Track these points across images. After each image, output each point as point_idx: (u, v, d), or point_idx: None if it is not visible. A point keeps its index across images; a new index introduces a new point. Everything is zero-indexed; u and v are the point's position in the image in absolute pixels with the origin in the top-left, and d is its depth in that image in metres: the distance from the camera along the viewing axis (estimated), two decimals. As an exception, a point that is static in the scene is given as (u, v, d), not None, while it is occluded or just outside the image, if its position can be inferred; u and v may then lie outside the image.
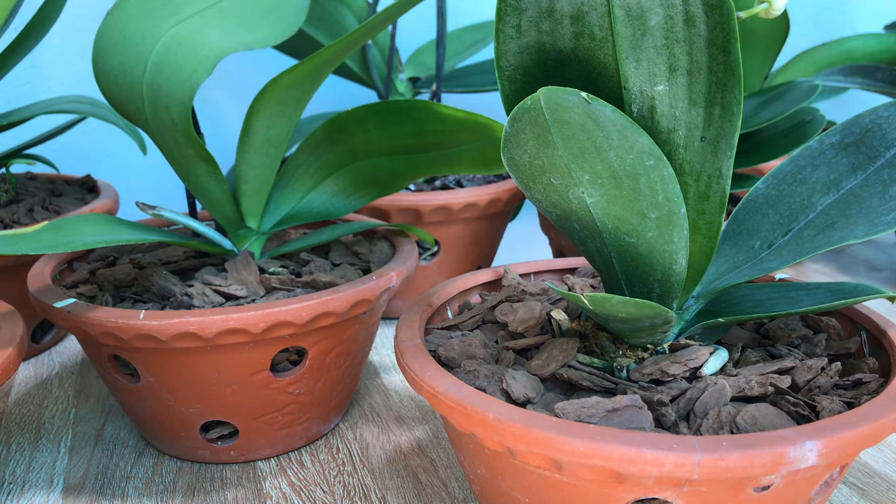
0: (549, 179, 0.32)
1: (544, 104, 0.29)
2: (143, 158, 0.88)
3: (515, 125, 0.31)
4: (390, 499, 0.45)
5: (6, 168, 0.68)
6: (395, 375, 0.60)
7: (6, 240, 0.40)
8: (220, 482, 0.47)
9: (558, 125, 0.30)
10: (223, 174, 0.48)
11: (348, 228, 0.54)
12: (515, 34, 0.32)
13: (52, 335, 0.65)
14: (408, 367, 0.36)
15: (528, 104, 0.29)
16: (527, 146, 0.31)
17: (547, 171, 0.32)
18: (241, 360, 0.44)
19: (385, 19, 0.42)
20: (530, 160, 0.32)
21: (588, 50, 0.32)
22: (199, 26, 0.44)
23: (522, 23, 0.32)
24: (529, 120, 0.30)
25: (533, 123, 0.30)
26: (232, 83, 0.91)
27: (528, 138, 0.31)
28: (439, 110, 0.46)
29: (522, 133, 0.31)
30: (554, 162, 0.31)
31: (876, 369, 0.38)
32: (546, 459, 0.31)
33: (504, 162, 0.33)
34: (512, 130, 0.31)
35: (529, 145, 0.31)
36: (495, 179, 0.72)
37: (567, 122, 0.29)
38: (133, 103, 0.45)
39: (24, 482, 0.47)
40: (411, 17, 0.75)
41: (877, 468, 0.47)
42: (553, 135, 0.30)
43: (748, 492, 0.31)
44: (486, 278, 0.48)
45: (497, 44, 0.33)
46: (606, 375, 0.37)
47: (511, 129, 0.31)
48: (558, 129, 0.30)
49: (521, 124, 0.30)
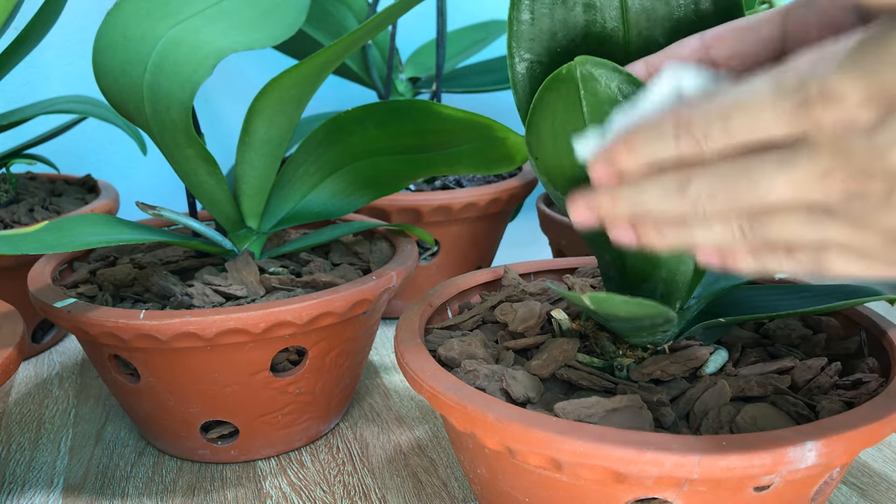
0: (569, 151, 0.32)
1: (579, 74, 0.29)
2: (143, 158, 0.88)
3: (545, 94, 0.31)
4: (390, 498, 0.45)
5: (6, 168, 0.68)
6: (395, 375, 0.60)
7: (6, 240, 0.40)
8: (220, 482, 0.47)
9: (589, 94, 0.30)
10: (223, 174, 0.48)
11: (348, 228, 0.54)
12: (528, 22, 0.33)
13: (52, 335, 0.65)
14: (408, 367, 0.36)
15: (563, 72, 0.30)
16: (555, 115, 0.32)
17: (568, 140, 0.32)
18: (241, 360, 0.44)
19: (385, 19, 0.42)
20: (552, 127, 0.32)
21: (599, 38, 0.33)
22: (199, 26, 0.44)
23: (536, 10, 0.32)
24: (562, 90, 0.30)
25: (564, 93, 0.30)
26: (232, 83, 0.91)
27: (557, 107, 0.31)
28: (439, 110, 0.46)
29: (551, 103, 0.31)
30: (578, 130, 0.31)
31: (876, 369, 0.38)
32: (546, 459, 0.31)
33: (525, 128, 0.33)
34: (540, 98, 0.31)
35: (558, 113, 0.31)
36: (495, 179, 0.72)
37: (596, 93, 0.30)
38: (133, 103, 0.45)
39: (24, 482, 0.47)
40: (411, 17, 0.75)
41: (877, 468, 0.47)
42: (583, 104, 0.30)
43: (748, 491, 0.31)
44: (486, 278, 0.48)
45: (510, 31, 0.33)
46: (606, 375, 0.37)
47: (540, 96, 0.31)
48: (588, 98, 0.30)
49: (551, 94, 0.31)
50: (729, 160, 0.26)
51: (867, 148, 0.23)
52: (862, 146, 0.23)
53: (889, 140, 0.23)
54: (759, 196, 0.25)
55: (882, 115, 0.23)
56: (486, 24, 0.88)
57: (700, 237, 0.27)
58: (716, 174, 0.26)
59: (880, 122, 0.23)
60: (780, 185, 0.25)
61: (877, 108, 0.23)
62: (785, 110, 0.24)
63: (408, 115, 0.47)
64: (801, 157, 0.24)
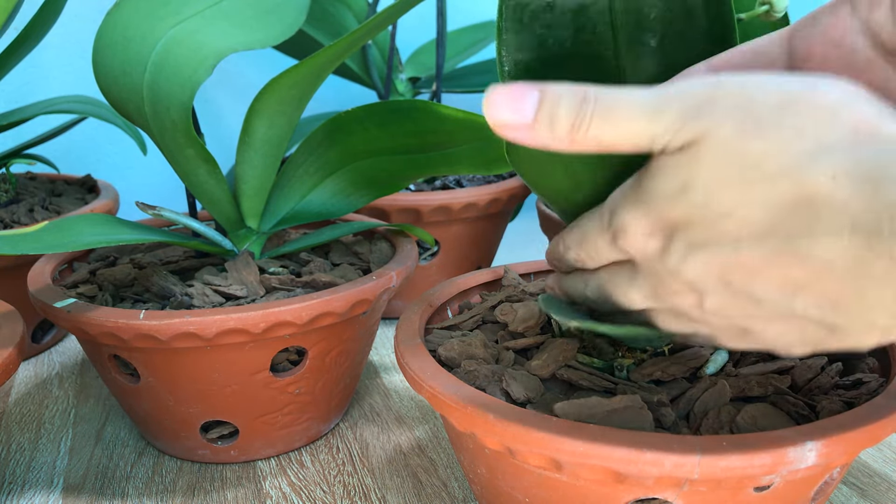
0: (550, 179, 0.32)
1: None
2: (143, 158, 0.88)
3: None
4: (390, 498, 0.45)
5: (6, 168, 0.68)
6: (395, 375, 0.60)
7: (6, 240, 0.40)
8: (220, 482, 0.47)
9: None
10: (223, 174, 0.48)
11: (348, 228, 0.54)
12: (517, 29, 0.32)
13: (52, 335, 0.65)
14: (408, 367, 0.36)
15: None
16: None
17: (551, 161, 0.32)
18: (241, 360, 0.44)
19: (385, 19, 0.42)
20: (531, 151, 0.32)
21: (588, 45, 0.32)
22: (199, 26, 0.44)
23: (525, 17, 0.32)
24: None
25: None
26: (232, 83, 0.91)
27: None
28: (439, 110, 0.46)
29: None
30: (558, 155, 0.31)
31: (876, 369, 0.38)
32: (546, 459, 0.31)
33: (508, 158, 0.33)
34: None
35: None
36: (495, 179, 0.72)
37: None
38: (133, 103, 0.45)
39: (24, 482, 0.47)
40: (411, 17, 0.75)
41: (877, 468, 0.47)
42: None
43: (748, 492, 0.31)
44: (486, 278, 0.48)
45: (499, 39, 0.33)
46: (606, 375, 0.37)
47: None
48: None
49: None
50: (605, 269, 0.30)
51: (666, 270, 0.26)
52: (663, 269, 0.26)
53: (676, 261, 0.26)
54: (628, 304, 0.29)
55: (664, 241, 0.26)
56: (486, 24, 0.88)
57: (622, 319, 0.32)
58: (597, 282, 0.31)
59: (665, 247, 0.26)
60: (635, 296, 0.28)
61: (658, 237, 0.26)
62: (606, 242, 0.29)
63: (408, 116, 0.47)
64: (637, 276, 0.28)
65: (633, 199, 0.26)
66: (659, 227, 0.26)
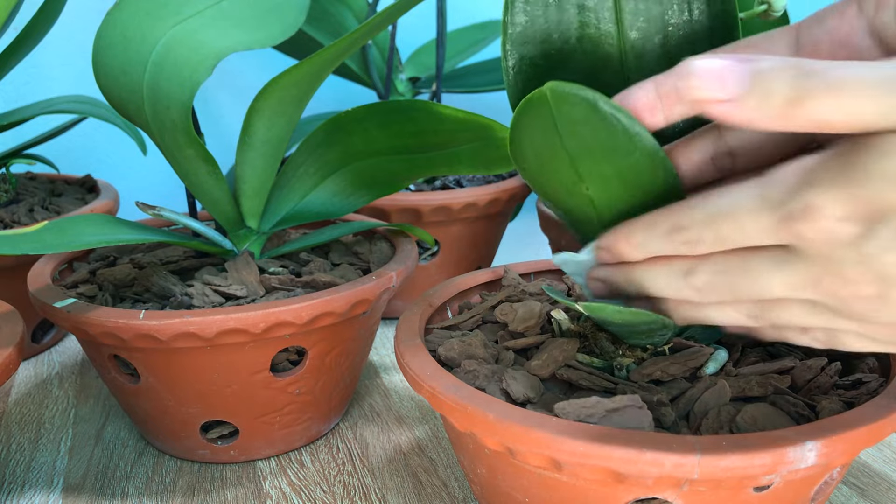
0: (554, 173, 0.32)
1: (551, 98, 0.28)
2: (143, 158, 0.88)
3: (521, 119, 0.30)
4: (390, 498, 0.45)
5: (6, 168, 0.68)
6: (395, 375, 0.60)
7: (6, 240, 0.40)
8: (220, 482, 0.47)
9: (564, 121, 0.29)
10: (223, 174, 0.48)
11: (348, 228, 0.54)
12: (522, 24, 0.32)
13: (52, 335, 0.65)
14: (408, 367, 0.36)
15: (534, 97, 0.29)
16: (533, 140, 0.31)
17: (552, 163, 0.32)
18: (241, 360, 0.44)
19: (385, 19, 0.42)
20: (535, 153, 0.32)
21: (593, 40, 0.32)
22: (199, 26, 0.44)
23: (529, 12, 0.32)
24: (535, 114, 0.29)
25: (539, 117, 0.30)
26: (232, 83, 0.91)
27: (535, 132, 0.30)
28: (439, 110, 0.46)
29: (528, 127, 0.30)
30: (559, 156, 0.31)
31: (876, 369, 0.38)
32: (546, 459, 0.31)
33: (510, 152, 0.32)
34: (518, 122, 0.31)
35: (536, 139, 0.31)
36: (495, 179, 0.72)
37: (573, 120, 0.29)
38: (133, 103, 0.45)
39: (24, 482, 0.47)
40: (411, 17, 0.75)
41: (877, 468, 0.47)
42: (559, 129, 0.29)
43: (748, 492, 0.31)
44: (486, 278, 0.48)
45: (504, 34, 0.33)
46: (606, 375, 0.37)
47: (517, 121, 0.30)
48: (564, 125, 0.29)
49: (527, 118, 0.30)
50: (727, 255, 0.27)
51: (855, 258, 0.24)
52: (849, 257, 0.24)
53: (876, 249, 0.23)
54: (758, 292, 0.26)
55: (865, 227, 0.24)
56: (486, 24, 0.88)
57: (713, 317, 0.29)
58: (716, 268, 0.27)
59: (864, 234, 0.24)
60: (777, 284, 0.26)
61: (858, 221, 0.24)
62: (771, 223, 0.25)
63: (408, 116, 0.47)
64: (793, 262, 0.25)
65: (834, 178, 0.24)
66: (861, 211, 0.23)
